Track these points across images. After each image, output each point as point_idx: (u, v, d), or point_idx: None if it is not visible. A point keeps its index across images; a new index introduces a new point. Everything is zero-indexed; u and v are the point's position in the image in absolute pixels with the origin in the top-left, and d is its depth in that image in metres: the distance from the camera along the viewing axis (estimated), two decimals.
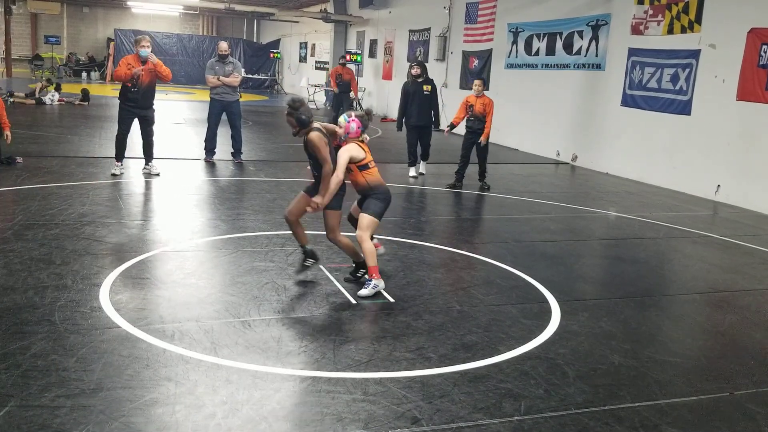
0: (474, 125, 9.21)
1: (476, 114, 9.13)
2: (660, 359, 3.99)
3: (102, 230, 5.91)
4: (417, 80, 9.81)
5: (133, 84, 8.26)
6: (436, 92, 10.02)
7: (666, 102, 10.33)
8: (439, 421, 3.10)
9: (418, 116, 9.78)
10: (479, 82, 9.21)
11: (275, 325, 4.08)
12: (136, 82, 8.25)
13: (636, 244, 6.80)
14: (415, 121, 9.81)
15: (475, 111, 9.13)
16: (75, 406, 3.00)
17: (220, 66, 9.90)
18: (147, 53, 8.26)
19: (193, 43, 29.87)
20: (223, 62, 9.92)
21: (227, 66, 9.92)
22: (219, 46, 10.16)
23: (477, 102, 9.13)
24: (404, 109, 9.89)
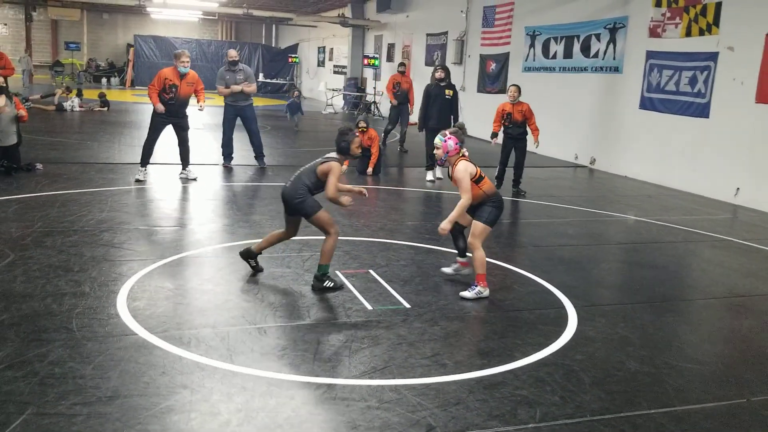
0: (514, 132, 9.14)
1: (515, 121, 9.07)
2: (677, 365, 3.95)
3: (120, 237, 5.98)
4: (440, 84, 9.82)
5: (172, 97, 8.53)
6: (458, 97, 10.01)
7: (684, 105, 10.23)
8: (453, 429, 3.09)
9: (438, 119, 9.78)
10: (514, 89, 9.08)
11: (291, 332, 4.09)
12: (174, 94, 8.49)
13: (654, 249, 6.74)
14: (434, 124, 9.80)
15: (514, 118, 9.06)
16: (92, 413, 3.04)
17: (230, 74, 9.96)
18: (187, 71, 8.56)
19: (212, 49, 30.13)
20: (233, 70, 9.98)
21: (237, 74, 9.98)
22: (228, 54, 10.22)
23: (515, 110, 9.06)
24: (425, 110, 9.88)
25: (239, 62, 10.17)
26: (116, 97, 21.94)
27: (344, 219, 7.21)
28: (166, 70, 8.69)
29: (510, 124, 9.14)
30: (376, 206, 8.41)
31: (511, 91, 9.11)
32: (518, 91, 9.10)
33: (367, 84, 23.25)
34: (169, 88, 8.50)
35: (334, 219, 5.15)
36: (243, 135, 10.46)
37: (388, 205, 8.27)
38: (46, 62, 31.36)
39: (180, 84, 8.56)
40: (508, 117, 9.13)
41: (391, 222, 7.24)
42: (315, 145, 13.59)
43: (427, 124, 9.88)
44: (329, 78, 26.61)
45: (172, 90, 8.52)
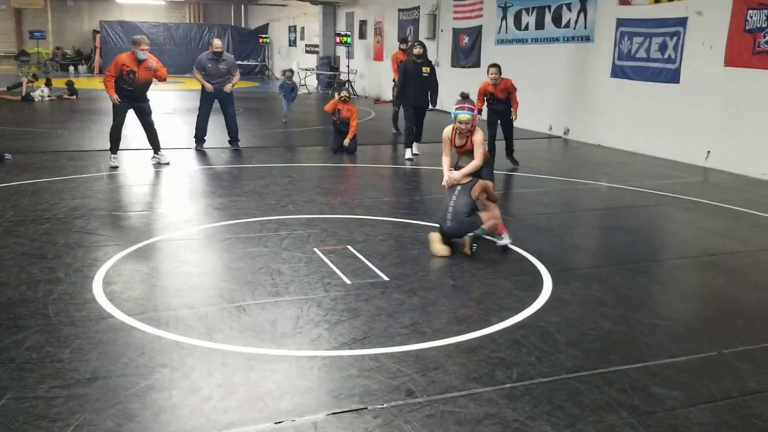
0: (498, 107, 9.17)
1: (498, 98, 9.08)
2: (649, 323, 4.04)
3: (94, 223, 5.93)
4: (417, 61, 9.76)
5: (129, 83, 8.37)
6: (435, 74, 9.98)
7: (655, 71, 10.32)
8: (433, 392, 3.15)
9: (415, 98, 9.75)
10: (495, 71, 8.99)
11: (270, 309, 4.11)
12: (132, 81, 8.34)
13: (627, 213, 6.84)
14: (413, 103, 9.78)
15: (498, 96, 9.07)
16: (71, 395, 3.04)
17: (213, 64, 9.81)
18: (145, 57, 8.37)
19: (180, 32, 29.68)
20: (217, 60, 9.83)
21: (221, 64, 9.85)
22: (213, 44, 10.02)
23: (497, 89, 9.04)
24: (401, 87, 9.82)
25: (224, 52, 10.00)
26: (85, 85, 21.60)
27: (320, 197, 7.22)
28: (123, 56, 8.49)
29: (493, 102, 9.16)
30: (353, 183, 8.42)
31: (492, 73, 8.99)
32: (498, 71, 9.01)
33: (341, 62, 23.09)
34: (127, 74, 8.33)
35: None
36: (216, 118, 10.37)
37: (365, 183, 8.29)
38: (11, 52, 30.67)
39: (138, 70, 8.38)
40: (490, 96, 9.14)
41: (368, 198, 7.26)
42: (288, 126, 13.52)
43: (407, 102, 9.84)
44: (301, 58, 26.37)
45: (130, 76, 8.34)
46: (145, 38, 8.54)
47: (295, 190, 7.48)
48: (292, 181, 7.93)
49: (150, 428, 2.81)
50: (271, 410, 2.98)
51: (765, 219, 6.66)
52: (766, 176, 8.62)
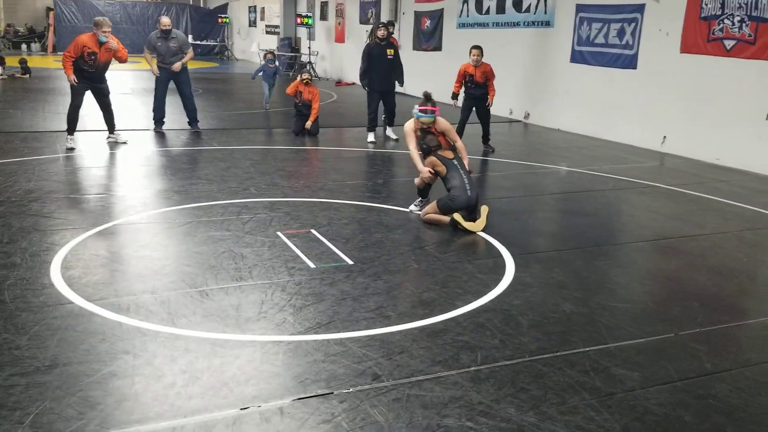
0: (476, 92, 9.20)
1: (477, 82, 9.12)
2: (609, 305, 4.14)
3: (50, 206, 5.77)
4: (381, 43, 9.66)
5: (90, 64, 8.19)
6: (399, 55, 9.92)
7: (613, 57, 10.48)
8: (399, 376, 3.17)
9: (380, 81, 9.67)
10: (477, 52, 9.05)
11: (234, 293, 4.08)
12: (93, 62, 8.17)
13: (586, 197, 6.96)
14: (377, 86, 9.69)
15: (477, 80, 9.10)
16: (30, 383, 2.97)
17: (162, 42, 9.59)
18: (107, 39, 8.22)
19: (137, 10, 28.92)
20: (167, 38, 9.62)
21: (170, 42, 9.63)
22: (161, 22, 9.78)
23: (477, 71, 9.08)
24: (367, 68, 9.72)
25: (173, 30, 9.79)
26: (38, 64, 20.91)
27: (283, 180, 7.16)
28: (84, 36, 8.30)
29: (472, 85, 9.19)
30: (316, 166, 8.37)
31: (474, 54, 9.07)
32: (480, 53, 9.10)
33: (302, 44, 22.82)
34: (88, 56, 8.16)
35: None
36: (174, 99, 10.17)
37: (328, 166, 8.24)
38: None
39: (99, 51, 8.23)
40: (470, 78, 9.15)
41: (332, 182, 7.22)
42: (249, 107, 13.34)
43: (373, 86, 9.76)
44: (262, 38, 25.98)
45: (92, 58, 8.18)
46: (107, 20, 8.41)
47: (257, 173, 7.39)
48: (254, 164, 7.84)
49: (112, 416, 2.77)
50: (236, 396, 2.96)
51: (719, 203, 6.86)
52: (719, 161, 8.87)
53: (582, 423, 2.85)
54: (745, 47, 8.43)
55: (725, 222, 6.17)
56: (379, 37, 9.65)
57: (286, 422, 2.78)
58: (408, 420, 2.82)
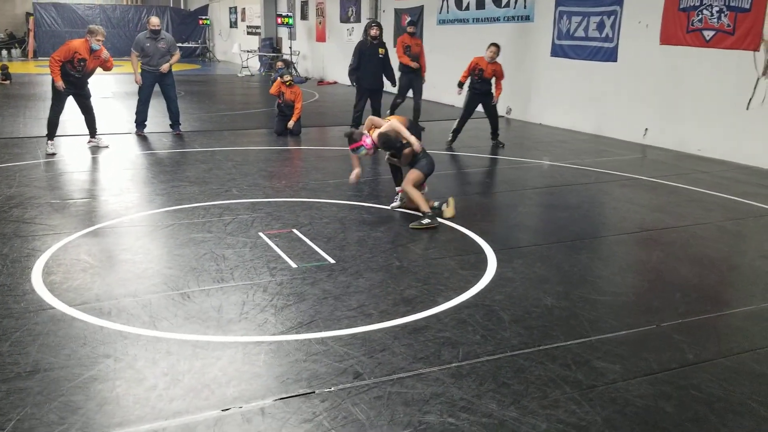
0: (481, 88, 9.21)
1: (485, 78, 9.14)
2: (591, 298, 4.17)
3: (31, 212, 5.72)
4: (374, 42, 9.67)
5: (78, 70, 8.21)
6: (388, 56, 9.94)
7: (593, 50, 10.54)
8: (380, 374, 3.18)
9: (370, 79, 9.67)
10: (494, 49, 9.12)
11: (215, 295, 4.06)
12: (81, 69, 8.18)
13: (568, 191, 7.00)
14: (367, 84, 9.70)
15: (485, 75, 9.13)
16: (11, 389, 2.95)
17: (151, 42, 9.54)
18: (99, 47, 8.23)
19: (117, 14, 28.74)
20: (155, 38, 9.57)
21: (159, 43, 9.58)
22: (150, 22, 9.73)
23: (488, 67, 9.11)
24: (356, 66, 9.70)
25: (161, 31, 9.74)
26: (18, 69, 20.71)
27: (265, 180, 7.14)
28: (76, 42, 8.27)
29: (478, 80, 9.19)
30: (298, 166, 8.35)
31: (491, 51, 9.13)
32: (497, 51, 9.16)
33: (283, 44, 22.76)
34: (78, 62, 8.13)
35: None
36: (156, 102, 10.11)
37: (309, 165, 8.22)
38: None
39: (89, 58, 8.21)
40: (479, 72, 9.17)
41: (313, 181, 7.21)
42: (231, 108, 13.29)
43: (361, 84, 9.76)
44: (243, 39, 25.87)
45: (81, 64, 8.16)
46: (102, 29, 8.41)
47: (238, 174, 7.37)
48: (235, 165, 7.82)
49: (94, 420, 2.76)
50: (218, 397, 2.96)
51: (700, 194, 6.92)
52: (700, 152, 8.94)
53: (563, 416, 2.88)
54: (725, 37, 8.51)
55: (706, 213, 6.23)
56: (372, 36, 9.66)
57: (267, 422, 2.78)
58: (389, 417, 2.83)
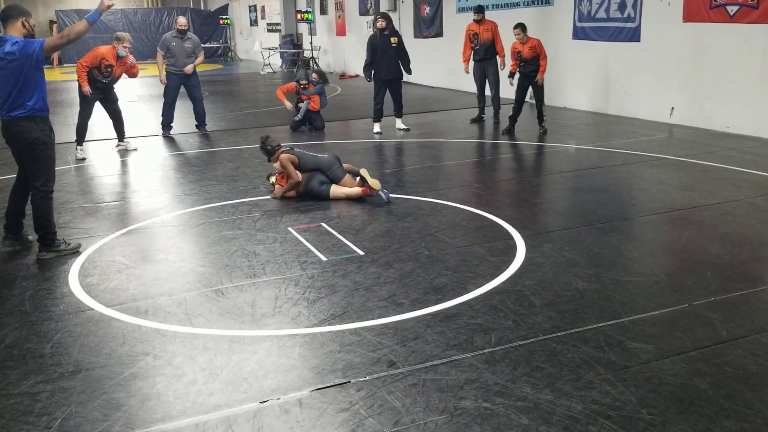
0: (526, 69, 9.18)
1: (526, 59, 9.10)
2: (622, 280, 4.15)
3: (65, 216, 5.86)
4: (383, 33, 9.66)
5: (104, 76, 8.35)
6: (403, 43, 9.90)
7: (616, 31, 10.40)
8: (414, 362, 3.21)
9: (387, 70, 9.65)
10: (517, 30, 9.08)
11: (248, 290, 4.13)
12: (108, 75, 8.32)
13: (595, 174, 6.94)
14: (384, 75, 9.68)
15: (524, 56, 9.10)
16: (55, 389, 3.05)
17: (177, 42, 9.66)
18: (125, 54, 8.38)
19: (138, 17, 29.05)
20: (182, 38, 9.69)
21: (185, 42, 9.70)
22: (178, 21, 9.87)
23: (524, 48, 9.07)
24: (371, 60, 9.73)
25: (188, 31, 9.86)
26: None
27: None
28: (103, 48, 8.42)
29: (521, 62, 9.16)
30: None
31: (516, 33, 9.10)
32: (521, 30, 9.08)
33: (304, 39, 22.83)
34: (105, 68, 8.27)
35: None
36: (181, 103, 10.24)
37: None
38: None
39: (116, 65, 8.36)
40: (518, 56, 9.14)
41: None
42: (255, 106, 13.40)
43: (378, 76, 9.77)
44: (264, 37, 26.00)
45: (108, 70, 8.30)
46: (128, 36, 8.56)
47: (265, 170, 7.44)
48: (262, 162, 7.88)
49: (136, 416, 2.84)
50: (256, 390, 3.02)
51: (729, 171, 6.81)
52: (728, 129, 8.79)
53: (598, 397, 2.88)
54: (749, 12, 8.34)
55: (737, 190, 6.13)
56: (380, 28, 9.65)
57: (305, 413, 2.83)
58: (425, 404, 2.86)
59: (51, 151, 4.86)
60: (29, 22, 4.77)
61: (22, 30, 4.71)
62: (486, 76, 10.35)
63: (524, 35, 9.11)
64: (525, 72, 9.23)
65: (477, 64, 10.38)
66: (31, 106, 4.70)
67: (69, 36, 4.64)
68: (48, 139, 4.80)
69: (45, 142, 4.78)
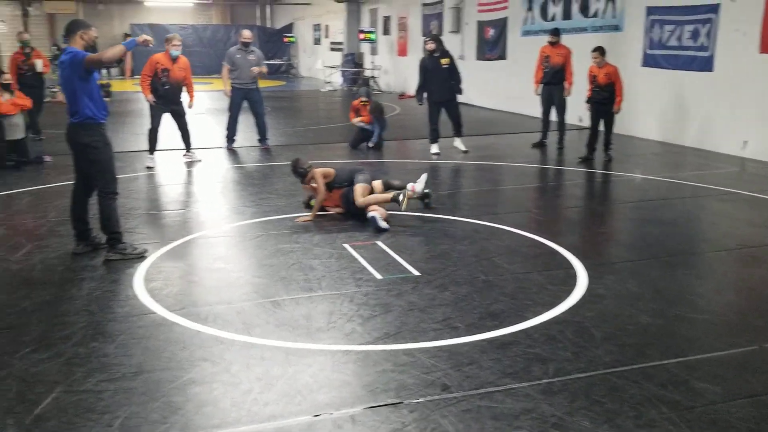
0: (599, 96, 8.97)
1: (600, 84, 8.91)
2: (688, 317, 4.00)
3: (132, 222, 6.05)
4: (433, 55, 9.66)
5: (165, 82, 8.55)
6: (455, 64, 9.87)
7: (688, 59, 10.15)
8: (468, 387, 3.16)
9: (439, 92, 9.63)
10: (595, 54, 8.91)
11: (304, 303, 4.17)
12: (167, 78, 8.53)
13: (662, 205, 6.75)
14: (437, 97, 9.67)
15: (599, 82, 8.90)
16: (118, 389, 3.13)
17: (242, 54, 9.94)
18: (178, 53, 8.65)
19: (208, 33, 30.01)
20: (246, 51, 9.96)
21: (249, 55, 9.96)
22: (242, 34, 10.16)
23: (600, 73, 8.90)
24: (423, 83, 9.76)
25: (251, 44, 10.13)
26: (117, 87, 21.93)
27: None
28: (157, 55, 8.73)
29: (596, 88, 8.96)
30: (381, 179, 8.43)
31: (594, 57, 8.92)
32: (599, 54, 8.89)
33: (365, 59, 23.12)
34: (162, 72, 8.54)
35: None
36: (244, 117, 10.48)
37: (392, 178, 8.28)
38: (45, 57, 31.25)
39: (172, 68, 8.59)
40: (593, 80, 8.97)
41: None
42: (315, 123, 13.62)
43: (431, 98, 9.78)
44: (326, 55, 26.46)
45: (165, 74, 8.55)
46: (177, 35, 8.82)
47: None
48: None
49: (193, 420, 2.88)
50: (309, 403, 3.03)
51: None
52: None
53: None
54: None
55: None
56: (430, 50, 9.64)
57: (357, 430, 2.82)
58: (479, 431, 2.81)
59: (104, 155, 5.04)
60: (87, 34, 5.02)
61: (81, 42, 4.97)
62: (552, 101, 10.23)
63: (602, 59, 8.90)
64: (599, 99, 8.99)
65: (545, 87, 10.27)
66: (83, 113, 4.94)
67: (104, 57, 4.89)
68: (99, 144, 4.99)
69: (96, 146, 4.98)
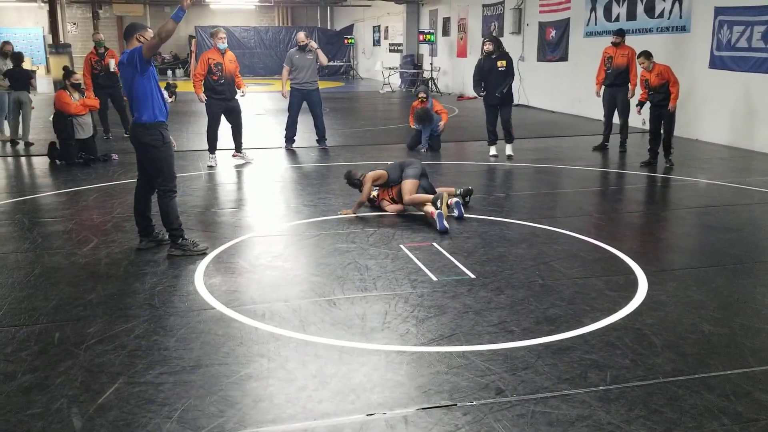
0: (654, 98, 8.77)
1: (654, 87, 8.72)
2: (753, 327, 3.86)
3: (194, 219, 6.22)
4: (491, 56, 9.57)
5: (219, 76, 8.71)
6: (512, 67, 9.75)
7: (758, 61, 9.76)
8: (523, 392, 3.13)
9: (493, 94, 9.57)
10: (642, 59, 8.71)
11: (359, 303, 4.20)
12: (220, 73, 8.70)
13: (728, 211, 6.52)
14: (490, 100, 9.61)
15: (652, 84, 8.71)
16: (177, 381, 3.23)
17: (300, 55, 10.12)
18: (225, 46, 8.85)
19: (269, 35, 30.55)
20: (304, 51, 10.13)
21: (308, 54, 10.13)
22: (297, 37, 10.36)
23: (651, 75, 8.72)
24: (479, 81, 9.67)
25: (308, 44, 10.29)
26: (182, 88, 22.56)
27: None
28: (207, 52, 8.96)
29: (651, 91, 8.75)
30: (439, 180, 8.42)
31: (641, 63, 8.71)
32: (647, 57, 8.67)
33: (424, 60, 23.11)
34: (215, 66, 8.73)
35: None
36: (303, 118, 10.63)
37: (449, 180, 8.26)
38: None
39: (223, 61, 8.79)
40: (646, 84, 8.78)
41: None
42: (373, 124, 13.69)
43: (486, 100, 9.69)
44: (385, 57, 26.57)
45: (218, 68, 8.74)
46: (221, 29, 9.04)
47: None
48: None
49: (249, 415, 2.95)
50: (363, 402, 3.05)
51: None
52: None
53: None
54: None
55: None
56: (487, 52, 9.52)
57: (410, 430, 2.83)
58: None
59: (162, 154, 5.13)
60: (143, 36, 5.12)
61: (138, 45, 5.04)
62: (615, 104, 10.00)
63: (649, 62, 8.65)
64: (654, 101, 8.76)
65: (607, 89, 10.05)
66: (143, 111, 5.03)
67: (160, 35, 4.84)
68: (158, 143, 5.08)
69: (155, 145, 5.07)
